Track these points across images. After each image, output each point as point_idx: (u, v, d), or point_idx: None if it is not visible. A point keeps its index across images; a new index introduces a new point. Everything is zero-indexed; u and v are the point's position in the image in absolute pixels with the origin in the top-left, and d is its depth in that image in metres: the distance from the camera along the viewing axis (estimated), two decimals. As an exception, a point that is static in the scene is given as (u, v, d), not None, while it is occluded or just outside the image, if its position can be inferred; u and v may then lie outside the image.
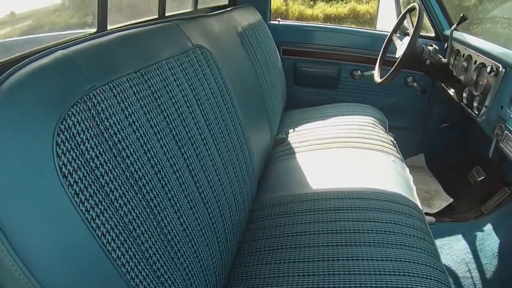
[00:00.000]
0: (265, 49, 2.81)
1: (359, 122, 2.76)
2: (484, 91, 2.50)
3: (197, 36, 1.75)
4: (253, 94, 2.40)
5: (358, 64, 3.50)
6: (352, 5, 17.67)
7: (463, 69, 2.82)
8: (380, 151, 2.42)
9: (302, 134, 2.69)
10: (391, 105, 3.56)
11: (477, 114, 2.54)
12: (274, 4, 15.45)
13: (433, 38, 3.45)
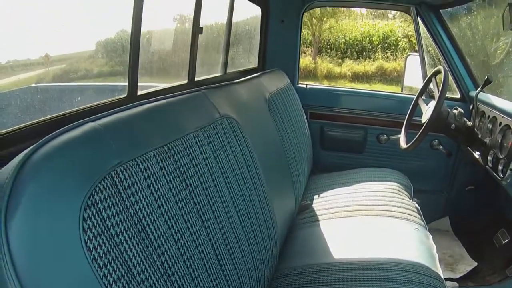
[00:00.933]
0: (292, 114, 2.86)
1: (384, 188, 2.75)
2: (509, 154, 2.48)
3: (224, 106, 1.80)
4: (279, 161, 2.42)
5: (384, 128, 3.52)
6: (379, 62, 17.86)
7: (488, 131, 2.81)
8: (403, 219, 2.41)
9: (327, 200, 2.69)
10: (417, 168, 3.53)
11: (502, 178, 2.51)
12: (303, 63, 15.73)
13: (458, 99, 3.46)
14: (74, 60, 2.36)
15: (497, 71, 7.76)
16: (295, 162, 2.64)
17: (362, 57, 18.47)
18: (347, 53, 18.63)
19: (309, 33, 18.57)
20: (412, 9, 3.45)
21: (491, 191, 3.07)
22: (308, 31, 18.49)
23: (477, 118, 3.04)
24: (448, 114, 2.77)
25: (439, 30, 3.40)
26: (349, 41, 18.83)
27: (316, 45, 18.52)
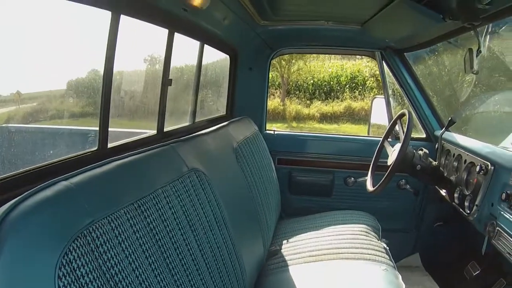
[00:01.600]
0: (260, 162, 2.91)
1: (352, 230, 2.80)
2: (474, 190, 2.58)
3: (193, 158, 1.85)
4: (247, 209, 2.46)
5: (351, 171, 3.60)
6: (347, 102, 18.11)
7: (454, 169, 2.92)
8: (372, 260, 2.46)
9: (296, 245, 2.72)
10: (385, 208, 3.61)
11: (468, 213, 2.60)
12: (271, 105, 15.82)
13: (424, 139, 3.59)
14: (45, 99, 2.39)
15: (463, 109, 7.99)
16: (263, 209, 2.68)
17: (330, 97, 18.71)
18: (315, 94, 18.86)
19: (278, 75, 18.76)
20: (377, 53, 3.60)
21: (460, 225, 3.15)
22: (277, 73, 18.67)
23: (442, 157, 3.15)
24: (413, 156, 2.86)
25: (404, 72, 3.54)
26: (317, 82, 19.08)
27: (284, 87, 18.71)
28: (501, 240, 2.24)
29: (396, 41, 3.45)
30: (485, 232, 2.39)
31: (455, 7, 2.18)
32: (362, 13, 2.96)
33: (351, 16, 3.13)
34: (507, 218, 2.21)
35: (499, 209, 2.31)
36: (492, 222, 2.35)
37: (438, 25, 2.54)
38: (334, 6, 2.90)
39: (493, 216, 2.36)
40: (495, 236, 2.29)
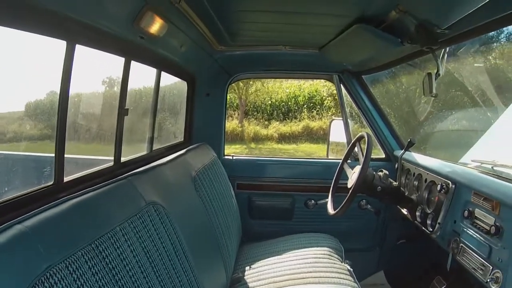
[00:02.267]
0: (219, 189, 2.88)
1: (315, 254, 2.79)
2: (436, 208, 2.61)
3: (150, 191, 1.81)
4: (207, 237, 2.43)
5: (311, 194, 3.61)
6: (305, 122, 18.27)
7: (415, 188, 2.96)
8: (336, 283, 2.46)
9: (258, 271, 2.69)
10: (347, 229, 3.62)
11: (431, 231, 2.63)
12: (230, 126, 15.81)
13: (383, 159, 3.64)
14: (3, 121, 2.33)
15: (422, 128, 8.15)
16: (224, 236, 2.65)
17: (288, 118, 18.86)
18: (273, 115, 19.01)
19: (236, 96, 18.82)
20: (335, 76, 3.65)
21: (423, 242, 3.18)
22: (234, 94, 18.71)
23: (402, 176, 3.20)
24: (373, 177, 2.88)
25: (362, 95, 3.60)
26: (275, 103, 19.24)
27: (242, 109, 18.78)
28: (465, 256, 2.27)
29: (353, 65, 3.51)
30: (449, 249, 2.43)
31: (414, 31, 2.22)
32: (320, 38, 3.00)
33: (308, 41, 3.17)
34: (471, 235, 2.26)
35: (462, 226, 2.36)
36: (455, 239, 2.39)
37: (396, 49, 2.59)
38: (291, 32, 2.92)
39: (456, 233, 2.40)
40: (459, 253, 2.33)
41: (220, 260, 2.50)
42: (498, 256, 2.00)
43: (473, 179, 2.40)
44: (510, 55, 15.61)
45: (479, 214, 2.22)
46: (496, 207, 2.07)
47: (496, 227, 2.02)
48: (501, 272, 1.95)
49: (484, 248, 2.11)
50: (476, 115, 7.84)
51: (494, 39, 15.33)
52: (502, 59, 15.34)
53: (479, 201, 2.22)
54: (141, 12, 1.95)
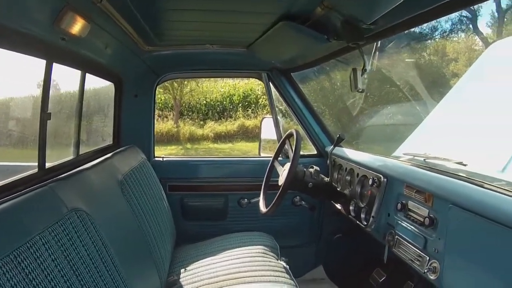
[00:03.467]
0: (148, 192, 2.80)
1: (250, 253, 2.78)
2: (369, 202, 2.66)
3: (73, 198, 1.73)
4: (137, 242, 2.35)
5: (244, 193, 3.60)
6: (240, 121, 18.27)
7: (347, 183, 3.00)
8: (272, 282, 2.45)
9: (194, 273, 2.65)
10: (283, 226, 3.63)
11: (366, 225, 2.67)
12: (165, 127, 15.62)
13: (315, 155, 3.68)
14: None
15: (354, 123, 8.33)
16: (155, 240, 2.58)
17: (223, 117, 18.78)
18: (208, 115, 18.86)
19: (171, 97, 18.62)
20: (264, 75, 3.65)
21: (360, 235, 3.19)
22: (169, 95, 18.53)
23: (335, 172, 3.23)
24: (304, 174, 2.89)
25: (291, 92, 3.61)
26: (210, 102, 19.11)
27: (177, 109, 18.56)
28: (401, 248, 2.32)
29: (282, 62, 3.51)
30: (385, 242, 2.47)
31: (340, 27, 2.23)
32: (247, 36, 2.98)
33: (236, 39, 3.15)
34: (405, 227, 2.30)
35: (396, 218, 2.40)
36: (390, 232, 2.44)
37: (323, 45, 2.61)
38: (218, 30, 2.89)
39: (391, 225, 2.45)
40: (395, 245, 2.38)
41: (152, 264, 2.43)
42: (434, 247, 2.04)
43: (405, 172, 2.44)
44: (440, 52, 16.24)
45: (412, 206, 2.27)
46: (429, 199, 2.12)
47: (430, 219, 2.06)
48: (438, 262, 2.00)
49: (419, 240, 2.15)
50: (408, 110, 8.09)
51: (426, 36, 15.93)
52: (435, 55, 15.93)
53: (412, 194, 2.27)
54: (61, 12, 1.86)
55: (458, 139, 3.05)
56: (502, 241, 1.58)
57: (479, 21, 16.96)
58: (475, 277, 1.75)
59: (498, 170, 2.56)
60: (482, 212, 1.70)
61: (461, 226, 1.86)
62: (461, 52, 16.25)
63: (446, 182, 2.07)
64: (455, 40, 16.84)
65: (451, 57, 16.39)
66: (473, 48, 15.97)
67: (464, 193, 1.89)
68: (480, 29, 16.38)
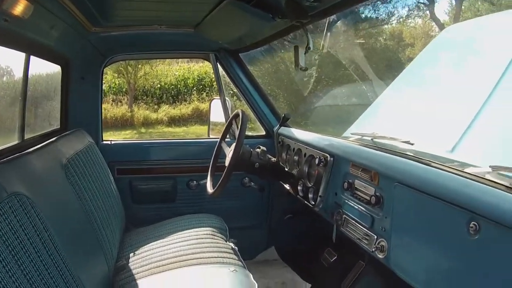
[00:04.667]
0: (94, 175, 2.72)
1: (198, 235, 2.75)
2: (316, 182, 2.65)
3: (14, 182, 1.65)
4: (82, 228, 2.27)
5: (193, 174, 3.56)
6: (195, 104, 18.17)
7: (295, 163, 2.99)
8: (220, 263, 2.44)
9: (142, 257, 2.61)
10: (232, 207, 3.62)
11: (313, 204, 2.66)
12: (119, 112, 15.42)
13: (264, 136, 3.67)
14: None
15: (303, 104, 8.36)
16: (103, 225, 2.51)
17: (178, 101, 18.65)
18: (163, 98, 18.70)
19: (125, 81, 18.32)
20: (212, 55, 3.60)
21: (310, 215, 3.18)
22: (123, 79, 18.24)
23: (283, 152, 3.22)
24: (250, 154, 2.87)
25: (239, 73, 3.59)
26: (164, 86, 18.91)
27: (132, 93, 18.28)
28: (349, 227, 2.32)
29: (229, 42, 3.47)
30: (333, 221, 2.47)
31: (284, 6, 2.21)
32: (193, 15, 2.92)
33: (182, 19, 3.09)
34: (352, 206, 2.30)
35: (343, 197, 2.40)
36: (338, 211, 2.43)
37: (269, 25, 2.57)
38: (165, 10, 2.82)
39: (338, 205, 2.44)
40: (343, 224, 2.38)
41: (99, 250, 2.37)
42: (381, 225, 2.04)
43: (351, 151, 2.44)
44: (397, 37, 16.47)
45: (359, 185, 2.27)
46: (375, 177, 2.12)
47: (376, 197, 2.06)
48: (385, 240, 2.00)
49: (366, 219, 2.16)
50: (361, 93, 8.16)
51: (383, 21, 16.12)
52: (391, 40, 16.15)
53: (358, 173, 2.27)
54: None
55: (407, 120, 3.08)
56: (447, 218, 1.60)
57: (436, 8, 17.25)
58: (421, 254, 1.77)
59: (447, 150, 2.60)
60: (428, 189, 1.71)
61: (407, 204, 1.87)
62: (418, 38, 16.55)
63: (392, 161, 2.07)
64: (412, 26, 17.13)
65: (408, 42, 16.68)
66: (429, 34, 16.26)
67: (410, 171, 1.89)
68: (437, 15, 16.69)
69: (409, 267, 1.85)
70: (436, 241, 1.66)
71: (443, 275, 1.63)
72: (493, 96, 2.67)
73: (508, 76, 2.62)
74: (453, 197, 1.56)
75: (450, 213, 1.57)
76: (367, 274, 2.89)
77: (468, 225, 1.46)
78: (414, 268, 1.82)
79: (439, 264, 1.65)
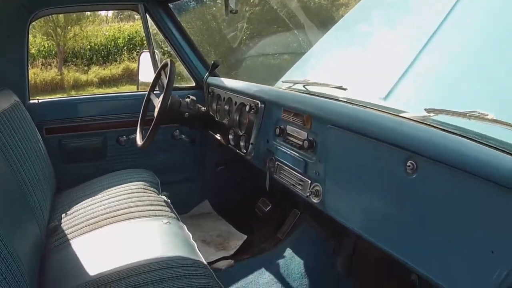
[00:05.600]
0: (21, 135, 2.55)
1: (129, 190, 2.66)
2: (248, 130, 2.61)
3: None
4: (9, 190, 2.12)
5: (123, 129, 3.43)
6: (125, 64, 17.67)
7: (226, 112, 2.92)
8: (152, 216, 2.37)
9: (74, 216, 2.49)
10: (164, 161, 3.54)
11: (245, 153, 2.63)
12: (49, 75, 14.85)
13: (194, 87, 3.58)
14: None
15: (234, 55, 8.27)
16: (32, 187, 2.37)
17: (108, 61, 18.06)
18: (93, 60, 18.05)
19: (54, 44, 17.52)
20: (140, 6, 3.44)
21: (243, 166, 3.18)
22: (52, 42, 17.44)
23: (213, 102, 3.13)
24: (179, 104, 2.80)
25: (169, 24, 3.46)
26: (94, 46, 18.24)
27: (61, 56, 17.49)
28: (282, 174, 2.29)
29: None
30: (266, 168, 2.44)
31: None
32: None
33: None
34: (284, 152, 2.27)
35: (275, 144, 2.36)
36: (270, 158, 2.40)
37: None
38: None
39: (271, 152, 2.41)
40: (276, 171, 2.35)
41: (29, 212, 2.24)
42: (315, 169, 2.02)
43: (282, 96, 2.40)
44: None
45: (291, 130, 2.23)
46: (307, 121, 2.08)
47: (309, 142, 2.03)
48: (319, 185, 1.98)
49: (299, 164, 2.13)
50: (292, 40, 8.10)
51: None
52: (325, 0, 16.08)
53: (290, 118, 2.23)
54: None
55: (340, 70, 3.05)
56: (383, 158, 1.58)
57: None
58: (357, 197, 1.76)
59: (380, 97, 2.60)
60: (362, 130, 1.68)
61: (341, 146, 1.85)
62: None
63: (325, 103, 2.04)
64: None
65: (342, 2, 16.67)
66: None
67: (343, 113, 1.87)
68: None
69: (345, 210, 1.84)
70: (372, 183, 1.65)
71: (381, 216, 1.62)
72: (429, 45, 2.68)
73: (445, 25, 2.63)
74: (389, 136, 1.54)
75: (386, 153, 1.55)
76: (303, 222, 2.91)
77: (405, 164, 1.45)
78: (350, 211, 1.81)
79: (376, 205, 1.64)
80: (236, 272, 2.73)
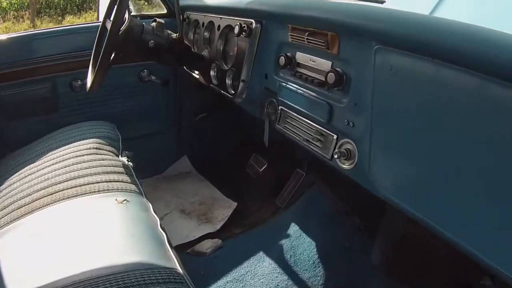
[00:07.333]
0: None
1: (77, 153, 1.87)
2: (237, 62, 1.84)
3: None
4: None
5: (78, 72, 2.53)
6: (100, 11, 16.77)
7: (206, 42, 2.16)
8: (103, 191, 1.59)
9: (5, 195, 1.72)
10: (130, 110, 2.74)
11: (233, 94, 1.88)
12: (21, 28, 14.24)
13: (166, 15, 2.69)
14: None
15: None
16: None
17: (83, 9, 16.81)
18: (67, 9, 16.79)
19: (25, -5, 16.15)
20: None
21: (230, 113, 2.53)
22: (23, -7, 16.11)
23: (190, 32, 2.36)
24: (142, 30, 1.94)
25: None
26: (68, -5, 16.86)
27: (34, 7, 16.32)
28: (289, 124, 1.55)
29: None
30: (264, 116, 1.70)
31: None
32: None
33: None
34: (294, 91, 1.51)
35: (278, 80, 1.60)
36: (271, 100, 1.66)
37: None
38: None
39: (271, 91, 1.66)
40: (280, 119, 1.61)
41: None
42: (346, 118, 1.27)
43: (290, 5, 1.57)
44: None
45: (303, 59, 1.47)
46: (333, 42, 1.30)
47: (336, 74, 1.27)
48: (353, 142, 1.25)
49: (319, 109, 1.38)
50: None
51: None
52: None
53: (303, 39, 1.44)
54: None
55: None
56: (477, 94, 0.86)
57: None
58: (423, 161, 1.01)
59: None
60: (443, 51, 0.92)
61: (396, 80, 1.07)
62: None
63: (366, 9, 1.25)
64: None
65: None
66: None
67: (403, 21, 1.06)
68: None
69: (402, 185, 1.09)
70: (459, 137, 0.90)
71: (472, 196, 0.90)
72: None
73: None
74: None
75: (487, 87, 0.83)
76: (310, 187, 2.16)
77: None
78: (412, 186, 1.07)
79: (465, 178, 0.91)
80: (225, 258, 2.05)
